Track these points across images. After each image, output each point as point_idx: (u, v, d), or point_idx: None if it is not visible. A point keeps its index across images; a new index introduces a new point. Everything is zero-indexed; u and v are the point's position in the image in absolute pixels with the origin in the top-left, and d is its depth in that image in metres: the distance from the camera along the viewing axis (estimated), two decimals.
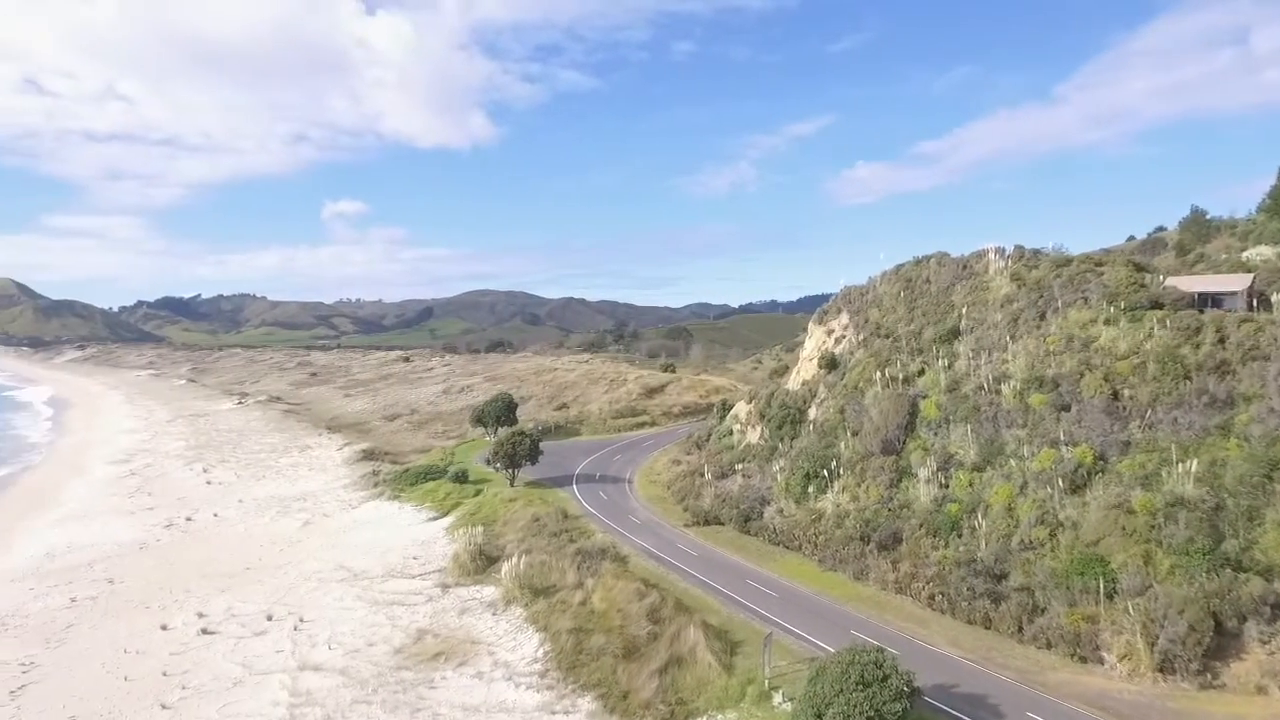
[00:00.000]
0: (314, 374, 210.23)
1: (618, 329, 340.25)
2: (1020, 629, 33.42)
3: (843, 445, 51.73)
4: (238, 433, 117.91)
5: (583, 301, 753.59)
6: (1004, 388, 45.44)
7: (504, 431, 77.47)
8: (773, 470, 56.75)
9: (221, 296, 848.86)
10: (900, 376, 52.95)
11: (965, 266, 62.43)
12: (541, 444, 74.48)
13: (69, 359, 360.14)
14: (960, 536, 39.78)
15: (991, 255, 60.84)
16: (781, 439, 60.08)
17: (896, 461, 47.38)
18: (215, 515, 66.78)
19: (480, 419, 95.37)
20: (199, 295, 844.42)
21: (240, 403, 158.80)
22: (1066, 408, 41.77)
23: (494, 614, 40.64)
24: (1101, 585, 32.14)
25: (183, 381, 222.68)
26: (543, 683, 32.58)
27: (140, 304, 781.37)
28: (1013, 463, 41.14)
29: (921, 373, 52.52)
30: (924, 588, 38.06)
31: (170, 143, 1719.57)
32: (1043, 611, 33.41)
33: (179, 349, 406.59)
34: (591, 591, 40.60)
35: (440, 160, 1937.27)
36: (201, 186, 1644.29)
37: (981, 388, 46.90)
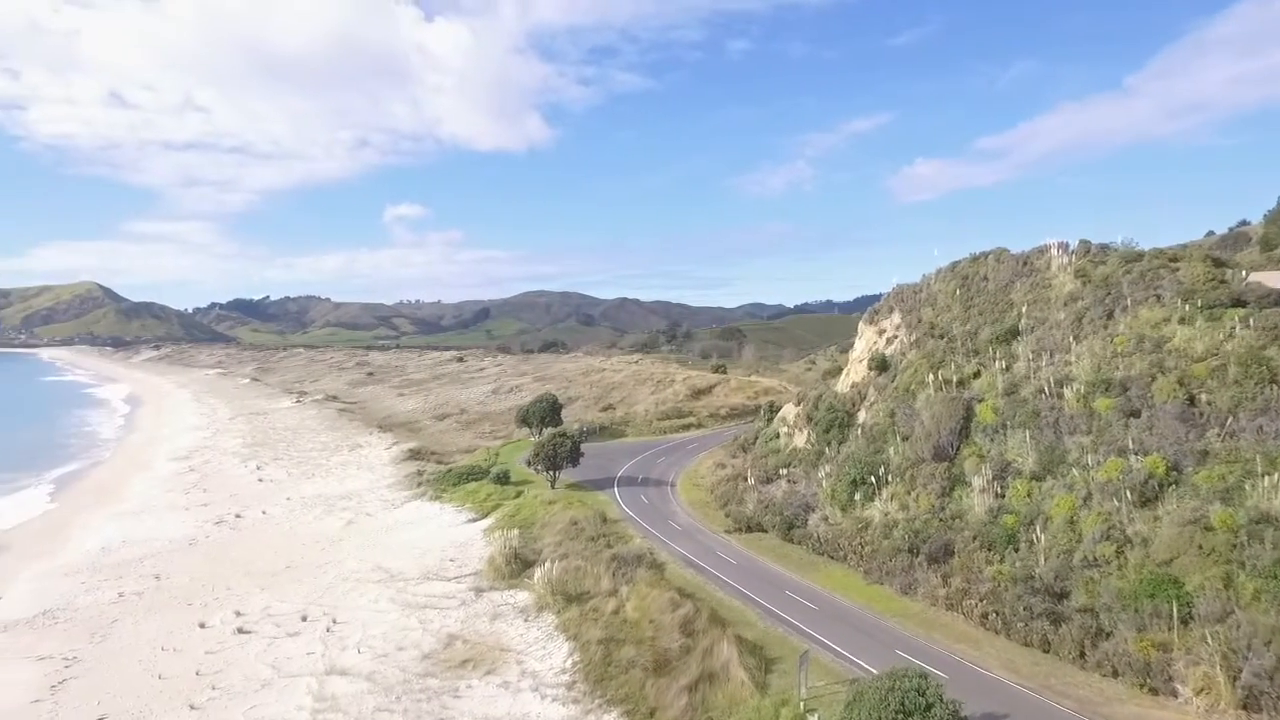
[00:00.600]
0: (371, 373, 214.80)
1: (671, 329, 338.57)
2: (1082, 654, 30.74)
3: (892, 451, 49.35)
4: (293, 431, 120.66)
5: (637, 302, 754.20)
6: (1067, 391, 42.44)
7: (546, 432, 76.95)
8: (819, 476, 54.64)
9: (288, 298, 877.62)
10: (954, 379, 50.25)
11: (1026, 263, 59.07)
12: (586, 445, 73.72)
13: (145, 358, 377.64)
14: (1017, 551, 37.19)
15: (1054, 251, 57.28)
16: (829, 443, 57.87)
17: (949, 469, 44.84)
18: (263, 513, 67.90)
19: (525, 419, 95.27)
20: (268, 297, 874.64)
21: (298, 401, 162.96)
22: (1136, 413, 38.70)
23: (525, 620, 39.79)
24: (1175, 609, 29.34)
25: (247, 380, 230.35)
26: (569, 695, 31.47)
27: (213, 305, 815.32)
28: (1075, 472, 38.25)
29: (977, 375, 49.74)
30: (976, 605, 35.56)
31: (241, 150, 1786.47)
32: (1108, 636, 30.72)
33: (246, 349, 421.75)
34: (625, 600, 39.39)
35: (497, 163, 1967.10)
36: (271, 192, 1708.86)
37: (1042, 391, 43.97)
